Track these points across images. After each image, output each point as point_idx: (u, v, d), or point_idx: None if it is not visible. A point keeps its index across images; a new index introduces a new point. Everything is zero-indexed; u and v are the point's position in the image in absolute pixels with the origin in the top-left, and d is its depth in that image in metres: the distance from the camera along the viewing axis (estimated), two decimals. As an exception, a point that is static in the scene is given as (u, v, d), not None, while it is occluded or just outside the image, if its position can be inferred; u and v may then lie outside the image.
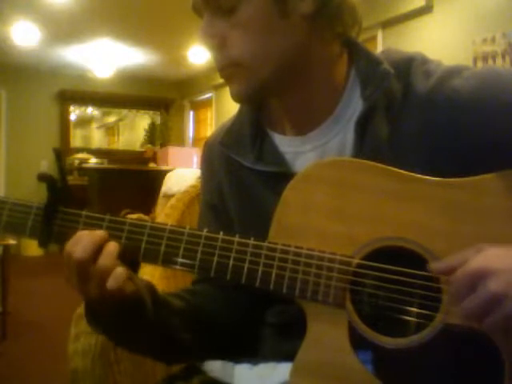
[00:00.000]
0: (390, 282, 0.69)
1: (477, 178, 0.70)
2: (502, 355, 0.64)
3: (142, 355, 0.92)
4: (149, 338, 0.82)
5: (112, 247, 0.72)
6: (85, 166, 7.10)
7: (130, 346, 0.87)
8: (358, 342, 0.69)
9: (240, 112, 0.92)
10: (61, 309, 2.80)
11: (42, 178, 0.77)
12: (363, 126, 0.80)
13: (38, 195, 4.82)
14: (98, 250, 0.72)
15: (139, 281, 0.78)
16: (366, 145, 0.79)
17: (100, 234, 0.73)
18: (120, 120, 8.87)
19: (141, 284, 0.79)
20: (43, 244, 0.77)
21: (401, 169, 0.72)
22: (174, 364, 0.96)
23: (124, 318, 0.77)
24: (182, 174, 4.96)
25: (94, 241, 0.72)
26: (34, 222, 0.77)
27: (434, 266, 0.67)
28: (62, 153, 0.83)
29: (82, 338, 1.04)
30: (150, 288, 0.81)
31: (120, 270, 0.71)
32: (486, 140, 0.74)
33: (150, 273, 1.14)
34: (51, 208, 0.77)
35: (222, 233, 0.74)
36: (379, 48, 4.61)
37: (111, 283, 0.70)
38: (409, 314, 0.69)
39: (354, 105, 0.82)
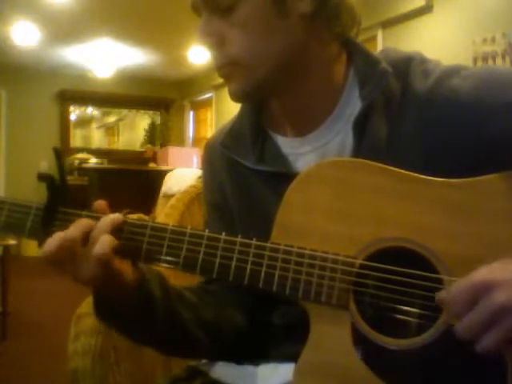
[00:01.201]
0: (393, 283, 0.69)
1: (478, 178, 0.69)
2: (506, 357, 0.64)
3: (147, 346, 0.91)
4: (157, 328, 0.81)
5: (104, 222, 0.72)
6: (85, 166, 7.11)
7: (137, 338, 0.85)
8: (361, 343, 0.69)
9: (241, 113, 0.92)
10: (61, 309, 2.80)
11: (42, 177, 0.77)
12: (361, 125, 0.80)
13: (37, 195, 4.81)
14: (88, 231, 0.71)
15: (147, 269, 0.78)
16: (365, 145, 0.79)
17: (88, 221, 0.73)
18: (120, 120, 8.87)
19: (148, 271, 0.78)
20: (43, 244, 0.77)
21: (400, 169, 0.72)
22: (177, 356, 0.95)
23: (131, 307, 0.76)
24: (182, 173, 4.97)
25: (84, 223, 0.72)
26: (33, 222, 0.77)
27: (439, 296, 0.65)
28: (61, 152, 0.83)
29: (82, 338, 1.04)
30: (159, 277, 0.81)
31: (106, 237, 0.70)
32: (484, 139, 0.74)
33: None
34: (51, 208, 0.77)
35: (224, 233, 0.73)
36: (379, 48, 4.61)
37: (97, 249, 0.69)
38: (412, 315, 0.69)
39: (352, 105, 0.82)
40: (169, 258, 0.74)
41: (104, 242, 0.70)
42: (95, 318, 0.80)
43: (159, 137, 8.39)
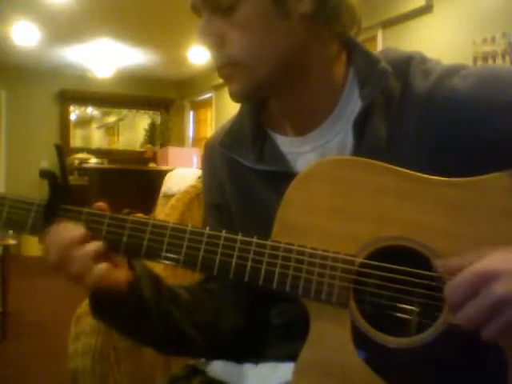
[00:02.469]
0: (394, 282, 0.69)
1: (480, 177, 0.69)
2: (506, 356, 0.64)
3: (145, 345, 0.92)
4: (151, 328, 0.82)
5: (90, 247, 0.73)
6: (85, 166, 7.10)
7: (133, 337, 0.87)
8: (361, 342, 0.69)
9: (240, 113, 0.92)
10: (61, 309, 2.80)
11: (44, 174, 0.77)
12: (362, 125, 0.79)
13: (38, 195, 4.82)
14: (70, 254, 0.72)
15: (141, 269, 0.79)
16: (365, 144, 0.79)
17: (76, 233, 0.73)
18: (120, 120, 8.87)
19: (142, 271, 0.79)
20: (44, 241, 0.78)
21: (400, 168, 0.72)
22: (176, 355, 0.96)
23: (123, 308, 0.77)
24: (182, 173, 4.96)
25: (64, 243, 0.72)
26: (34, 219, 0.77)
27: (440, 262, 0.65)
28: (63, 149, 0.83)
29: (82, 338, 1.04)
30: (153, 278, 0.82)
31: (96, 270, 0.71)
32: (485, 138, 0.74)
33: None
34: (52, 205, 0.77)
35: (224, 231, 0.74)
36: (379, 48, 4.60)
37: (88, 281, 0.71)
38: (412, 313, 0.69)
39: (352, 104, 0.82)
40: (169, 255, 0.74)
41: (95, 275, 0.71)
42: (92, 317, 0.81)
43: (159, 137, 8.38)
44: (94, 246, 0.73)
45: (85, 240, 0.73)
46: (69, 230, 0.73)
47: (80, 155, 7.73)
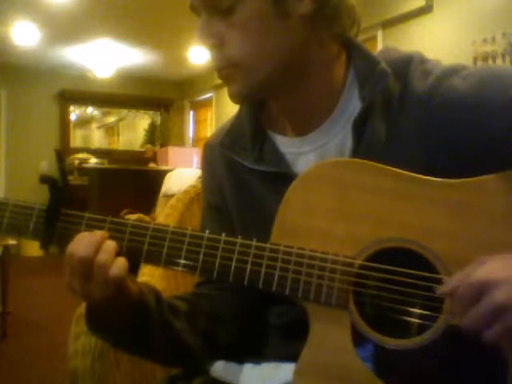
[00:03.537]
0: (393, 284, 0.69)
1: (478, 178, 0.69)
2: (506, 356, 0.64)
3: (143, 358, 0.92)
4: (152, 340, 0.82)
5: (110, 244, 0.74)
6: (85, 165, 7.10)
7: (131, 350, 0.87)
8: (361, 343, 0.69)
9: (239, 113, 0.92)
10: (61, 309, 2.80)
11: (44, 180, 0.78)
12: (361, 126, 0.79)
13: (38, 195, 4.81)
14: (99, 247, 0.73)
15: (142, 283, 0.79)
16: (364, 145, 0.79)
17: (100, 233, 0.74)
18: (120, 120, 8.87)
19: (144, 285, 0.80)
20: (45, 246, 0.78)
21: (399, 169, 0.72)
22: (177, 367, 0.96)
23: (127, 319, 0.78)
24: (182, 173, 4.97)
25: (94, 239, 0.73)
26: (36, 223, 0.77)
27: (440, 290, 0.66)
28: (63, 154, 0.84)
29: (82, 338, 1.04)
30: (154, 291, 0.82)
31: (121, 260, 0.73)
32: (484, 139, 0.74)
33: (150, 273, 1.14)
34: (53, 210, 0.77)
35: (224, 234, 0.74)
36: (379, 48, 4.60)
37: (113, 272, 0.71)
38: (412, 315, 0.69)
39: (352, 105, 0.82)
40: (169, 259, 0.74)
41: (120, 266, 0.72)
42: (90, 332, 0.81)
43: (159, 137, 8.38)
44: (112, 242, 0.74)
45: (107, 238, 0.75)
46: (93, 232, 0.74)
47: (80, 155, 7.73)
